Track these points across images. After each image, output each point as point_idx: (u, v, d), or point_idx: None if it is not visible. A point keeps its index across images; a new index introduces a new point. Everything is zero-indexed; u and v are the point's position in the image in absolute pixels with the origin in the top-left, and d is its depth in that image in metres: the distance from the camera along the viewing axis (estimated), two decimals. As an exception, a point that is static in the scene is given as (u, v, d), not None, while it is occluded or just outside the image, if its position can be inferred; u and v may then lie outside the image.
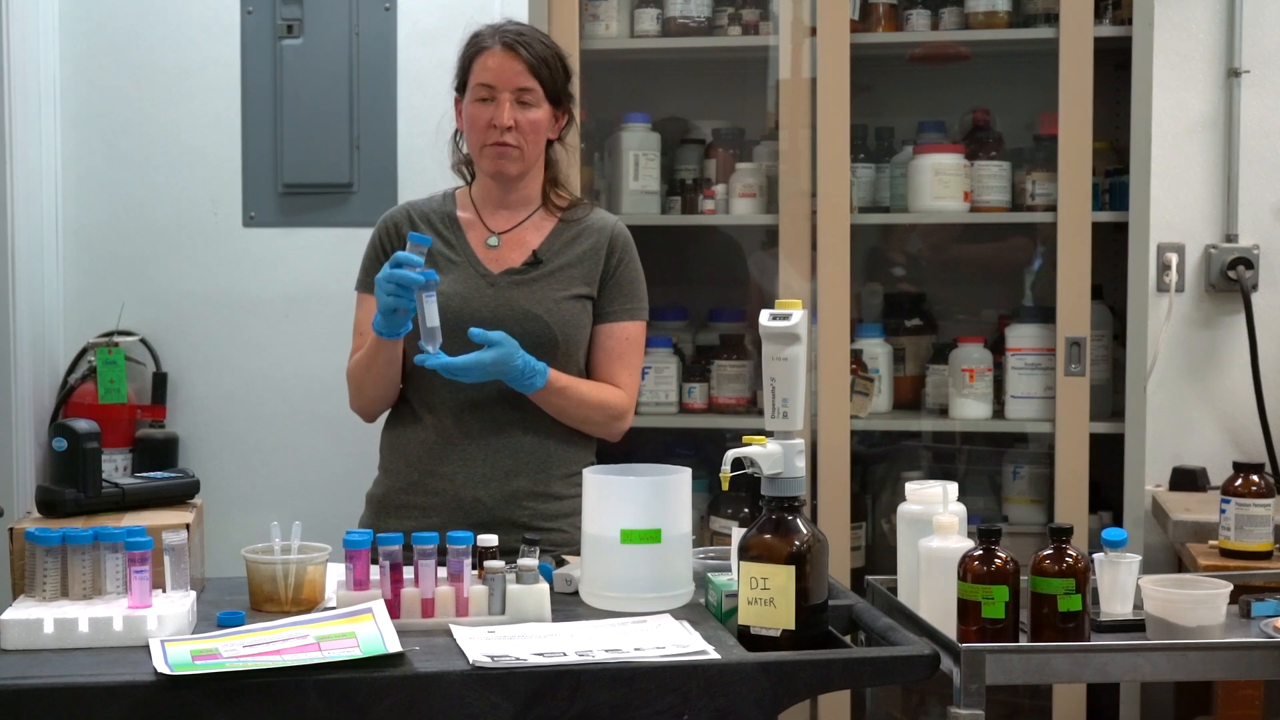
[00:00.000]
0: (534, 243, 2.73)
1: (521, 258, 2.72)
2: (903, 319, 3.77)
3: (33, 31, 3.87)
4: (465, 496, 2.67)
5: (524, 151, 2.68)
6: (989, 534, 2.26)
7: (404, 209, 2.80)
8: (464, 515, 2.63)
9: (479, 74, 2.68)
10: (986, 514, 3.64)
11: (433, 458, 2.70)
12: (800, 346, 2.21)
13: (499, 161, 2.68)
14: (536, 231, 2.75)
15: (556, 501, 2.69)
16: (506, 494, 2.66)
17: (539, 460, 2.69)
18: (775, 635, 2.12)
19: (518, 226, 2.75)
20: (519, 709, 1.95)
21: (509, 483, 2.66)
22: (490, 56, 2.67)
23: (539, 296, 2.68)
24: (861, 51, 3.49)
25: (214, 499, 2.83)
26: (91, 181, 4.02)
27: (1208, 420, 3.82)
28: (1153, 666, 2.27)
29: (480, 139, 2.68)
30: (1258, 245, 3.78)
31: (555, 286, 2.70)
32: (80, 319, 4.01)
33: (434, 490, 2.69)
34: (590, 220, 2.77)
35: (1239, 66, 3.76)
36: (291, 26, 3.95)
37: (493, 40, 2.68)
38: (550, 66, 2.70)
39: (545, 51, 2.70)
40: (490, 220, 2.76)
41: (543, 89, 2.68)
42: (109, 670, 1.97)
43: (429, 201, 2.81)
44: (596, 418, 2.72)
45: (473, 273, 2.69)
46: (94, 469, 2.39)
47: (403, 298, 2.47)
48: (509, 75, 2.66)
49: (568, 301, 2.69)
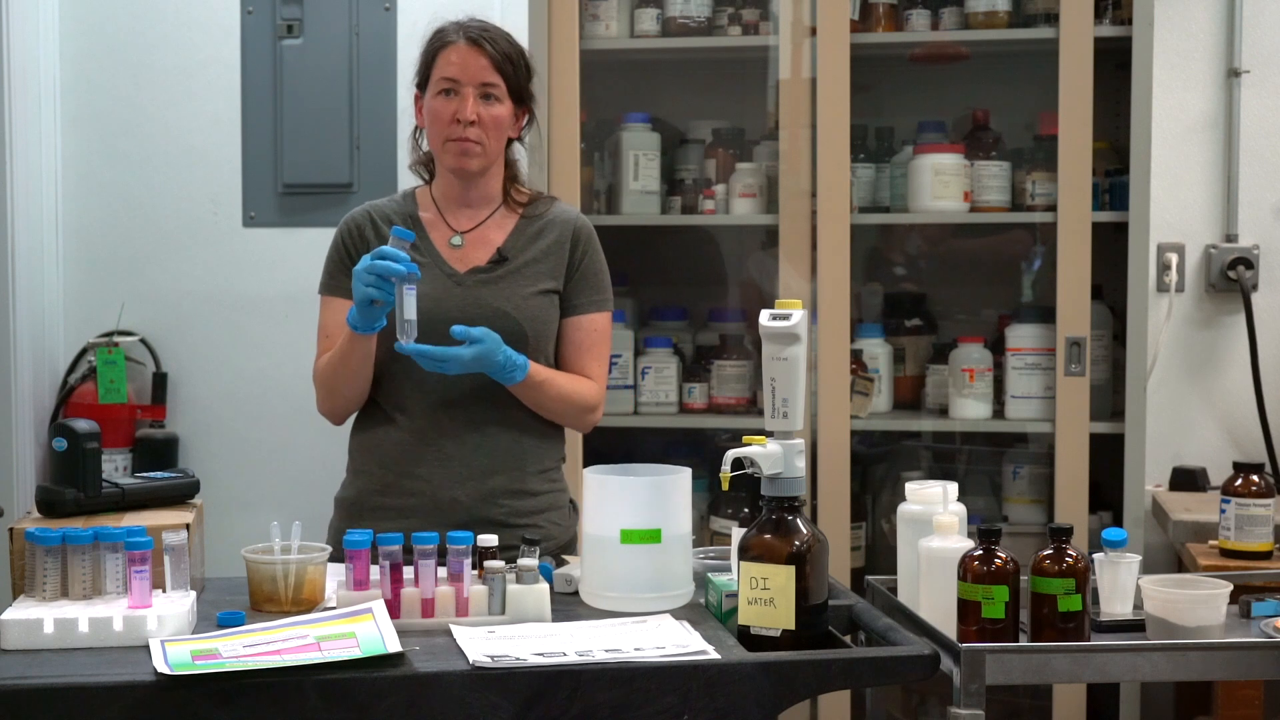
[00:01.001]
0: (497, 240, 2.72)
1: (486, 256, 2.71)
2: (903, 319, 3.77)
3: (33, 32, 3.87)
4: (442, 497, 2.65)
5: (486, 147, 2.67)
6: (989, 534, 2.27)
7: (365, 210, 2.77)
8: (441, 515, 2.61)
9: (442, 68, 2.66)
10: (986, 514, 3.64)
11: (408, 458, 2.67)
12: (800, 346, 2.21)
13: (461, 158, 2.66)
14: (499, 229, 2.74)
15: (532, 498, 2.68)
16: (484, 493, 2.65)
17: (514, 457, 2.68)
18: (775, 635, 2.12)
19: (480, 225, 2.73)
20: (519, 709, 1.95)
21: (485, 481, 2.65)
22: (454, 51, 2.65)
23: (507, 294, 2.67)
24: (861, 51, 3.49)
25: (214, 499, 2.82)
26: (91, 181, 4.02)
27: (1208, 420, 3.82)
28: (1152, 666, 2.27)
29: (443, 133, 2.66)
30: (1258, 245, 3.78)
31: (522, 283, 2.69)
32: (80, 319, 4.01)
33: (410, 491, 2.67)
34: (552, 215, 2.76)
35: (1239, 66, 3.76)
36: (291, 26, 3.95)
37: (457, 35, 2.66)
38: (514, 63, 2.68)
39: (509, 48, 2.69)
40: (452, 219, 2.74)
41: (506, 85, 2.66)
42: (109, 670, 1.97)
43: (389, 202, 2.79)
44: (572, 410, 2.71)
45: (439, 273, 2.68)
46: (94, 469, 2.39)
47: (382, 290, 2.46)
48: (473, 70, 2.64)
49: (535, 297, 2.69)
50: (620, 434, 3.67)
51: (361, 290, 2.48)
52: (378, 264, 2.45)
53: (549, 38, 3.47)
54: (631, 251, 3.86)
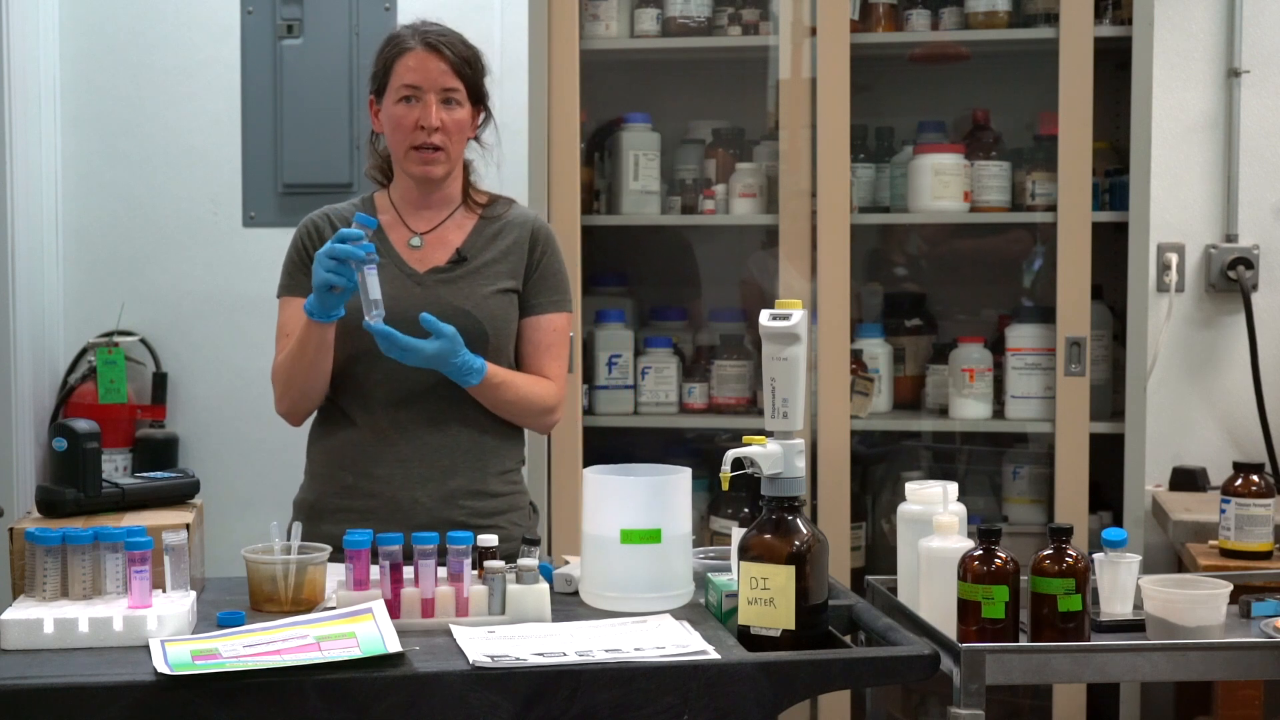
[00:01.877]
0: (456, 241, 2.72)
1: (445, 256, 2.70)
2: (903, 319, 3.77)
3: (33, 32, 3.87)
4: (403, 498, 2.63)
5: (449, 153, 2.66)
6: (989, 534, 2.27)
7: (323, 213, 2.76)
8: (402, 517, 2.58)
9: (402, 75, 2.64)
10: (986, 514, 3.64)
11: (367, 459, 2.66)
12: (800, 346, 2.21)
13: (425, 167, 2.66)
14: (458, 230, 2.73)
15: (493, 499, 2.67)
16: (445, 494, 2.64)
17: (475, 458, 2.67)
18: (775, 635, 2.12)
19: (439, 226, 2.73)
20: (519, 709, 1.95)
21: (446, 482, 2.64)
22: (413, 57, 2.64)
23: (467, 293, 2.67)
24: (861, 51, 3.49)
25: (214, 499, 2.83)
26: (91, 181, 4.02)
27: (1207, 420, 3.82)
28: (1152, 666, 2.27)
29: (406, 140, 2.65)
30: (1257, 245, 3.78)
31: (482, 282, 2.69)
32: (80, 319, 4.01)
33: (370, 493, 2.65)
34: (511, 216, 2.76)
35: (1239, 66, 3.76)
36: (291, 27, 3.96)
37: (414, 41, 2.65)
38: (472, 66, 2.68)
39: (466, 51, 2.67)
40: (411, 221, 2.73)
41: (465, 88, 2.66)
42: (109, 670, 1.97)
43: (348, 206, 2.78)
44: (531, 411, 2.70)
45: (398, 272, 2.67)
46: (94, 469, 2.39)
47: (341, 274, 2.45)
48: (434, 75, 2.63)
49: (495, 296, 2.69)
50: (620, 434, 3.68)
51: (321, 275, 2.46)
52: (337, 247, 2.44)
53: (549, 38, 3.47)
54: (631, 251, 3.87)
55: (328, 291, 2.49)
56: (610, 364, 3.66)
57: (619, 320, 3.71)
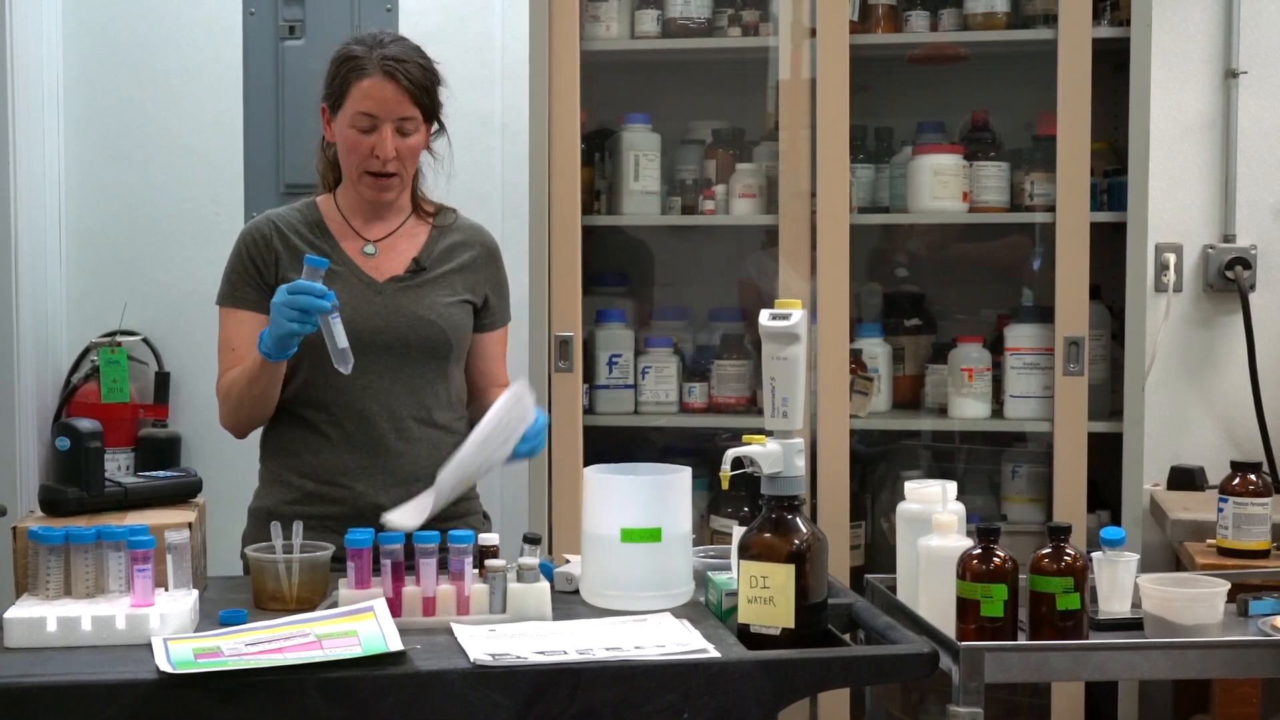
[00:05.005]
0: (409, 250, 2.69)
1: (400, 265, 2.67)
2: (902, 319, 3.78)
3: (35, 33, 3.88)
4: (366, 504, 2.58)
5: (403, 178, 2.65)
6: (988, 533, 2.27)
7: (267, 219, 2.72)
8: (363, 523, 2.44)
9: (359, 101, 2.58)
10: (985, 513, 3.65)
11: (328, 467, 2.62)
12: (800, 346, 2.22)
13: (379, 192, 2.64)
14: (410, 239, 2.71)
15: (451, 506, 2.55)
16: (407, 499, 2.53)
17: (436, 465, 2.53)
18: (775, 634, 2.13)
19: (391, 235, 2.71)
20: (520, 707, 1.96)
21: (410, 488, 2.56)
22: (370, 85, 2.58)
23: (428, 302, 2.65)
24: (861, 52, 3.49)
25: (216, 498, 2.83)
26: (94, 182, 4.03)
27: (1206, 419, 3.83)
28: (1151, 665, 2.28)
29: (360, 165, 2.62)
30: (1255, 245, 3.79)
31: (441, 292, 2.67)
32: (83, 319, 4.02)
33: (332, 499, 2.61)
34: (462, 227, 2.75)
35: (1237, 67, 3.77)
36: (293, 28, 3.96)
37: (372, 66, 2.58)
38: (429, 91, 2.63)
39: (421, 75, 2.62)
40: (361, 229, 2.70)
41: (422, 114, 2.62)
42: (111, 668, 1.98)
43: (291, 211, 2.73)
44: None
45: (357, 281, 2.64)
46: (97, 468, 2.40)
47: (305, 324, 2.41)
48: (390, 105, 2.58)
49: (455, 306, 2.68)
50: (620, 434, 3.68)
51: (284, 325, 2.41)
52: (300, 299, 2.39)
53: (549, 38, 3.48)
54: (631, 251, 3.88)
55: (291, 338, 2.45)
56: (611, 364, 3.67)
57: (619, 320, 3.71)
